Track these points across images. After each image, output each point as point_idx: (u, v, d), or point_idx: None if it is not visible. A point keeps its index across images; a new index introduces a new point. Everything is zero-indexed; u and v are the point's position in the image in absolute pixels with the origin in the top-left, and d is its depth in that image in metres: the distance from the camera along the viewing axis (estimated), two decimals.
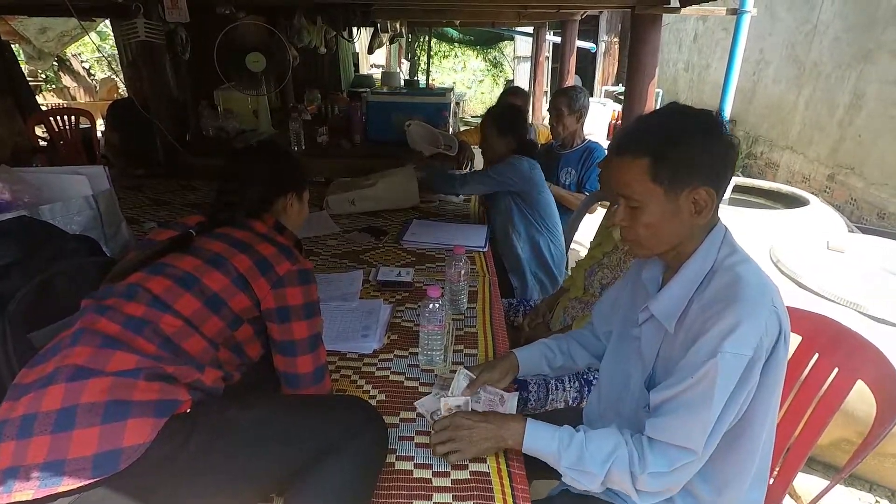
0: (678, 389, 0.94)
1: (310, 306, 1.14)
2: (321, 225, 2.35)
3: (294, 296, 1.12)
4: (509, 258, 2.32)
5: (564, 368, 1.37)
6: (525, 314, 2.03)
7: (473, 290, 1.81)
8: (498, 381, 1.29)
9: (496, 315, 1.70)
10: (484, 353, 1.51)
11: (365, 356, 1.47)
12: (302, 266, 1.15)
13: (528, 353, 1.35)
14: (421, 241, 2.19)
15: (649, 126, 0.99)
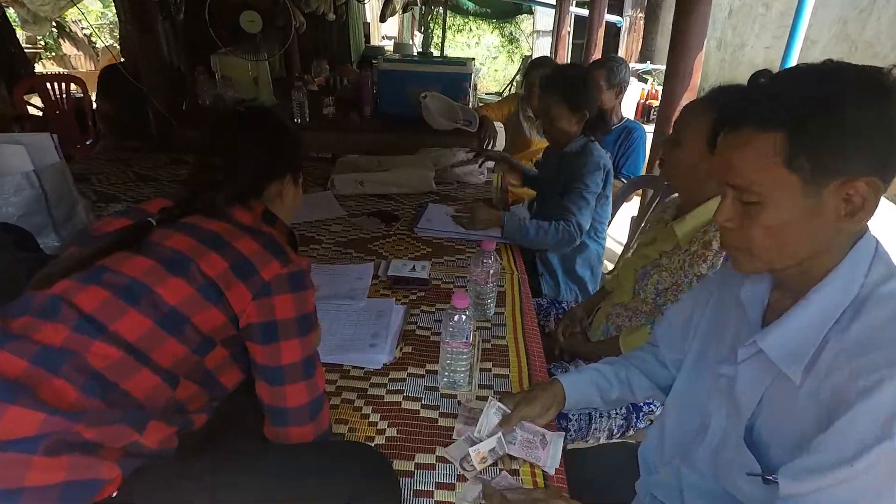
0: (828, 481, 0.65)
1: (304, 320, 0.88)
2: (325, 207, 2.07)
3: (284, 307, 0.85)
4: (542, 255, 2.04)
5: (619, 401, 1.10)
6: (557, 319, 1.76)
7: (500, 290, 1.53)
8: (538, 416, 1.03)
9: (529, 324, 1.42)
10: (517, 372, 1.24)
11: (372, 373, 1.20)
12: (295, 267, 0.88)
13: (577, 382, 1.08)
14: (437, 229, 1.91)
15: (785, 87, 0.69)
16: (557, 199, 1.87)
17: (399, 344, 1.29)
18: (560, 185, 1.87)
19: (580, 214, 1.80)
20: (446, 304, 1.47)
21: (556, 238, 1.81)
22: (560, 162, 1.92)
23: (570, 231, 1.79)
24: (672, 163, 1.35)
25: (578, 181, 1.80)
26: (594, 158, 1.83)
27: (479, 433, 0.99)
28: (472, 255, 1.40)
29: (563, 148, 1.91)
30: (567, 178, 1.85)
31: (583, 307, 1.68)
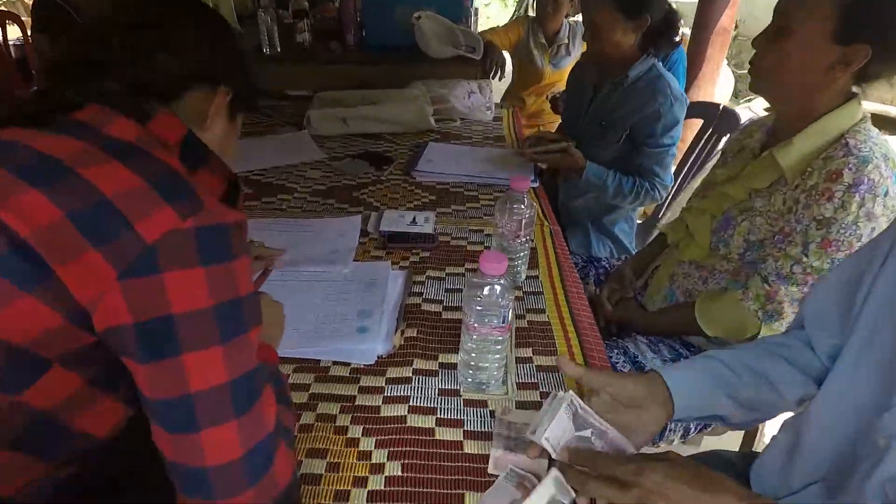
0: None
1: (230, 311, 0.51)
2: (299, 150, 1.66)
3: (186, 291, 0.47)
4: (566, 201, 1.64)
5: (756, 404, 0.74)
6: (598, 280, 1.39)
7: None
8: (632, 412, 0.70)
9: (573, 291, 1.05)
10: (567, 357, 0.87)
11: (363, 372, 0.84)
12: (209, 219, 0.50)
13: (689, 377, 0.72)
14: (441, 171, 1.51)
15: None
16: (618, 149, 1.45)
17: (399, 326, 0.92)
18: (621, 129, 1.43)
19: (666, 175, 1.43)
20: (459, 266, 1.10)
21: (635, 202, 1.46)
22: (620, 96, 1.45)
23: (653, 196, 1.44)
24: (773, 62, 0.95)
25: (664, 134, 1.38)
26: (675, 94, 1.38)
27: (543, 436, 0.63)
28: (498, 200, 1.01)
29: (621, 75, 1.43)
30: (639, 122, 1.40)
31: (631, 264, 1.31)
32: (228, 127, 0.71)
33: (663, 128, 1.37)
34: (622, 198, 1.44)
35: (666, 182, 1.42)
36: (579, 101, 1.56)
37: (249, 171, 1.51)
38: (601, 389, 0.70)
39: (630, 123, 1.40)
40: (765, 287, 0.96)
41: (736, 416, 0.74)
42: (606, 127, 1.43)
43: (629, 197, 1.43)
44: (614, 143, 1.44)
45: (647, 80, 1.39)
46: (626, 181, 1.42)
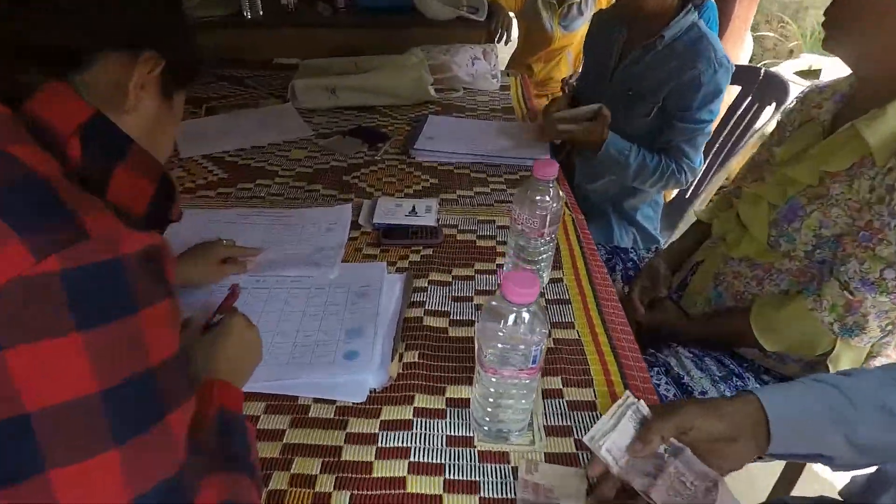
0: None
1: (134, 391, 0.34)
2: (282, 126, 1.46)
3: (43, 370, 0.30)
4: (582, 182, 1.44)
5: (881, 448, 0.58)
6: (626, 276, 1.21)
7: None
8: (717, 442, 0.57)
9: (605, 298, 0.88)
10: (604, 386, 0.71)
11: (351, 412, 0.67)
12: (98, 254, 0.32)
13: (796, 407, 0.58)
14: (444, 150, 1.32)
15: None
16: (647, 124, 1.25)
17: (397, 349, 0.75)
18: (653, 101, 1.22)
19: (696, 156, 1.23)
20: (468, 267, 0.92)
21: (657, 185, 1.27)
22: (653, 60, 1.22)
23: (678, 179, 1.24)
24: (857, 7, 0.76)
25: (702, 107, 1.18)
26: (719, 58, 1.16)
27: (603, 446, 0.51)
28: (517, 190, 0.82)
29: (654, 35, 1.20)
30: (674, 92, 1.19)
31: (666, 258, 1.13)
32: (161, 109, 0.53)
33: (702, 99, 1.17)
34: (643, 179, 1.25)
35: (695, 165, 1.23)
36: (601, 65, 1.34)
37: (225, 152, 1.32)
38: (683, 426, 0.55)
39: (664, 93, 1.19)
40: (845, 295, 0.78)
41: (845, 458, 0.58)
42: (634, 97, 1.22)
43: (652, 178, 1.23)
44: (643, 116, 1.23)
45: (687, 41, 1.18)
46: (650, 159, 1.22)
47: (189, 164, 1.25)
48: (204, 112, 1.54)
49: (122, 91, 0.47)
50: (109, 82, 0.46)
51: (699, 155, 1.24)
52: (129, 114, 0.48)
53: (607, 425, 0.56)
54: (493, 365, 0.54)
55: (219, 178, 1.20)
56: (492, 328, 0.53)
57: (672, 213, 1.57)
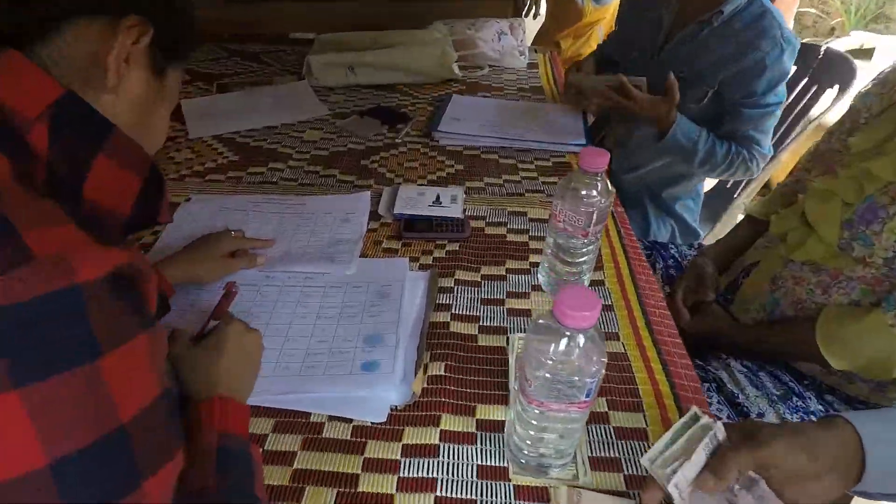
0: None
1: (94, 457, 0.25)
2: (297, 105, 1.38)
3: None
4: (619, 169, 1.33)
5: None
6: (667, 275, 1.11)
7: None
8: (800, 478, 0.50)
9: (649, 299, 0.79)
10: (656, 410, 0.62)
11: (371, 433, 0.59)
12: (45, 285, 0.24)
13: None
14: (469, 132, 1.22)
15: None
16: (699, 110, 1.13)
17: (421, 360, 0.67)
18: (707, 85, 1.11)
19: (766, 142, 1.12)
20: (498, 265, 0.84)
21: (724, 174, 1.16)
22: (709, 39, 1.10)
23: (748, 168, 1.13)
24: None
25: (768, 91, 1.06)
26: (786, 37, 1.04)
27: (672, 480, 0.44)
28: (559, 182, 0.73)
29: (710, 11, 1.08)
30: (735, 77, 1.07)
31: (713, 255, 1.03)
32: (151, 88, 0.44)
33: (768, 83, 1.05)
34: (710, 168, 1.14)
35: (765, 151, 1.12)
36: (643, 43, 1.22)
37: (236, 133, 1.23)
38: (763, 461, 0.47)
39: (721, 77, 1.08)
40: None
41: None
42: (686, 81, 1.10)
43: (720, 167, 1.12)
44: (694, 102, 1.12)
45: (749, 17, 1.06)
46: (719, 146, 1.11)
47: (198, 146, 1.18)
48: (215, 89, 1.45)
49: (97, 64, 0.39)
50: (84, 55, 0.38)
51: (769, 140, 1.13)
52: (110, 94, 0.40)
53: (672, 448, 0.48)
54: (538, 396, 0.46)
55: (229, 160, 1.13)
56: (539, 353, 0.45)
57: (712, 203, 1.46)
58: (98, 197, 0.38)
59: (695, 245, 1.19)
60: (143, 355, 0.30)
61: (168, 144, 1.18)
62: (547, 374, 0.45)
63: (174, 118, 1.28)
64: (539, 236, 0.91)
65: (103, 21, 0.38)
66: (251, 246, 0.83)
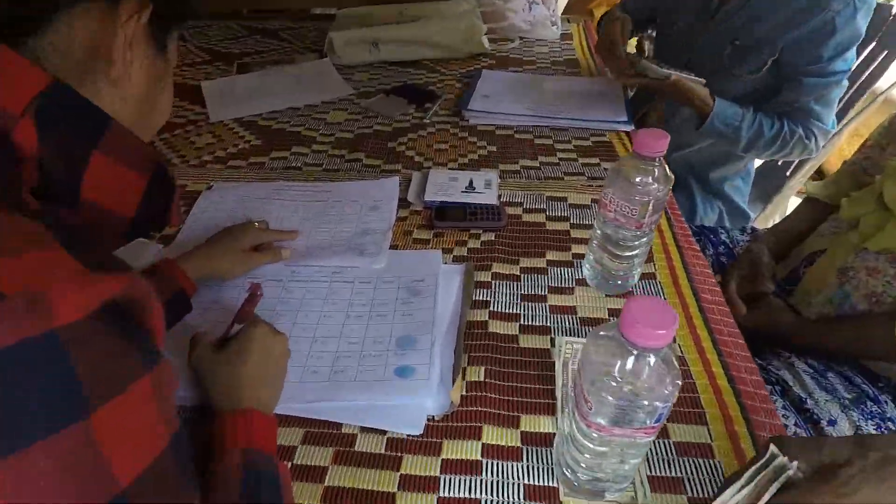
0: None
1: None
2: (320, 84, 1.32)
3: None
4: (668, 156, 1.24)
5: None
6: (718, 263, 1.04)
7: None
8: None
9: (706, 294, 0.72)
10: (721, 425, 0.56)
11: (407, 446, 0.54)
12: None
13: None
14: (501, 111, 1.15)
15: None
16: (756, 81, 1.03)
17: (459, 364, 0.61)
18: (768, 52, 1.00)
19: (828, 116, 1.02)
20: (538, 257, 0.77)
21: (777, 154, 1.06)
22: (768, 1, 0.99)
23: (806, 146, 1.03)
24: None
25: (836, 57, 0.95)
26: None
27: None
28: (610, 169, 0.66)
29: None
30: (798, 42, 0.96)
31: (770, 241, 0.95)
32: (156, 66, 0.39)
33: (836, 48, 0.94)
34: (758, 151, 1.05)
35: (827, 126, 1.02)
36: (694, 5, 1.12)
37: (258, 115, 1.18)
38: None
39: (783, 43, 0.97)
40: None
41: None
42: (743, 49, 1.00)
43: (771, 148, 1.03)
44: (753, 71, 1.02)
45: None
46: (767, 126, 1.02)
47: (219, 130, 1.13)
48: (236, 70, 1.40)
49: (101, 56, 0.34)
50: (81, 46, 0.33)
51: (832, 113, 1.03)
52: (113, 83, 0.35)
53: (741, 494, 0.42)
54: (598, 420, 0.40)
55: (251, 145, 1.08)
56: (601, 372, 0.39)
57: (762, 182, 1.36)
58: (98, 197, 0.34)
59: (747, 229, 1.10)
60: (145, 401, 0.25)
61: (189, 128, 1.13)
62: (610, 397, 0.39)
63: (195, 101, 1.24)
64: (581, 224, 0.84)
65: (99, 7, 0.33)
66: (275, 238, 0.78)
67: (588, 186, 0.93)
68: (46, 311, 0.21)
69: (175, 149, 1.06)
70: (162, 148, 1.06)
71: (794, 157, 1.07)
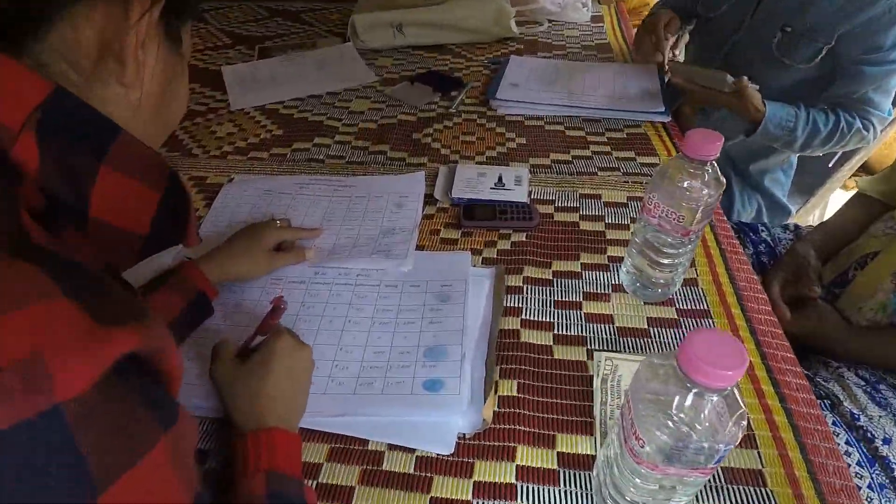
0: None
1: None
2: (342, 70, 1.28)
3: None
4: None
5: None
6: (759, 262, 0.99)
7: None
8: None
9: (752, 304, 0.67)
10: (772, 448, 0.52)
11: (437, 466, 0.52)
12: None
13: None
14: (531, 100, 1.10)
15: None
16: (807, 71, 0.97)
17: (491, 377, 0.59)
18: (823, 40, 0.93)
19: (886, 104, 0.95)
20: (571, 260, 0.73)
21: (834, 147, 1.00)
22: None
23: (864, 137, 0.97)
24: None
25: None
26: None
27: None
28: (656, 171, 0.61)
29: None
30: (856, 31, 0.90)
31: (816, 241, 0.90)
32: (171, 62, 0.36)
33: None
34: (814, 149, 0.99)
35: (885, 114, 0.95)
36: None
37: (280, 103, 1.15)
38: None
39: (841, 31, 0.91)
40: None
41: None
42: (794, 36, 0.94)
43: (828, 145, 0.97)
44: (805, 60, 0.95)
45: None
46: (822, 121, 0.95)
47: (240, 118, 1.10)
48: (257, 54, 1.37)
49: (111, 59, 0.30)
50: (86, 49, 0.30)
51: (889, 100, 0.96)
52: (123, 87, 0.32)
53: None
54: (652, 461, 0.37)
55: (272, 135, 1.05)
56: (654, 408, 0.36)
57: (804, 174, 1.29)
58: (108, 215, 0.31)
59: (790, 226, 1.05)
60: (160, 468, 0.23)
61: (210, 117, 1.11)
62: (664, 435, 0.36)
63: (216, 86, 1.21)
64: (617, 224, 0.80)
65: (107, 2, 0.29)
66: (298, 237, 0.76)
67: (623, 182, 0.88)
68: (47, 385, 0.18)
69: (196, 138, 1.04)
70: (183, 138, 1.04)
71: (850, 147, 1.00)
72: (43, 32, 0.28)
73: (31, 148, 0.26)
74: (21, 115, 0.26)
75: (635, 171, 0.91)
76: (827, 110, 0.96)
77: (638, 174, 0.90)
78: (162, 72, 0.34)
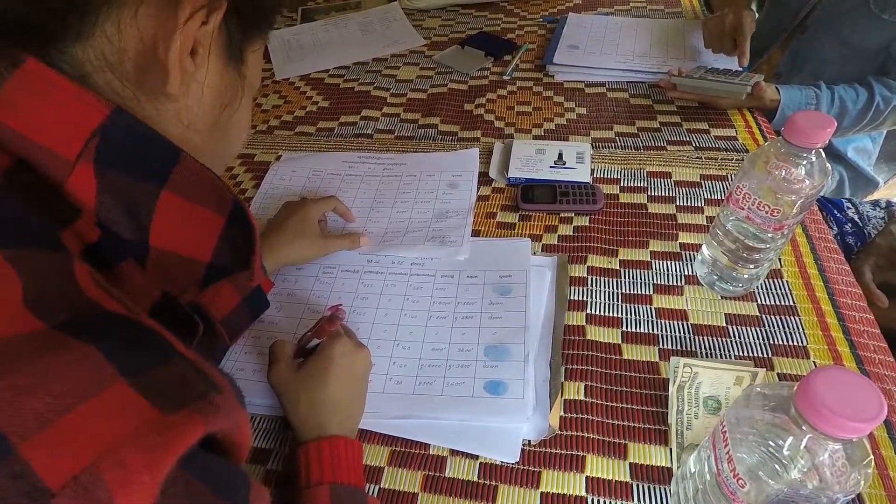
0: None
1: None
2: (389, 33, 1.22)
3: None
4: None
5: None
6: (846, 246, 0.90)
7: None
8: None
9: (843, 299, 0.61)
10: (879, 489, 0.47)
11: (501, 474, 0.50)
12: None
13: None
14: (591, 65, 1.02)
15: None
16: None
17: (558, 379, 0.55)
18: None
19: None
20: (640, 247, 0.68)
21: (873, 124, 0.89)
22: None
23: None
24: None
25: None
26: None
27: None
28: (747, 157, 0.55)
29: None
30: None
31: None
32: (229, 80, 0.32)
33: None
34: (845, 129, 0.90)
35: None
36: None
37: (325, 71, 1.11)
38: None
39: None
40: None
41: None
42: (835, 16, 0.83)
43: (862, 123, 0.88)
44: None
45: None
46: (849, 99, 0.85)
47: (286, 89, 1.07)
48: (300, 17, 1.32)
49: (153, 66, 0.27)
50: (133, 54, 0.26)
51: None
52: (173, 102, 0.28)
53: None
54: (749, 501, 0.33)
55: (318, 106, 1.01)
56: (759, 447, 0.32)
57: (891, 142, 1.17)
58: (169, 244, 0.28)
59: (880, 203, 0.95)
60: None
61: None
62: (771, 480, 0.32)
63: None
64: (689, 206, 0.73)
65: (157, 2, 0.26)
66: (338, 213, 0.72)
67: (696, 159, 0.81)
68: (107, 495, 0.16)
69: None
70: None
71: (890, 126, 0.90)
72: (88, 27, 0.24)
73: (88, 178, 0.24)
74: (78, 143, 0.23)
75: (709, 146, 0.83)
76: (857, 86, 0.85)
77: (712, 149, 0.82)
78: (216, 90, 0.31)
